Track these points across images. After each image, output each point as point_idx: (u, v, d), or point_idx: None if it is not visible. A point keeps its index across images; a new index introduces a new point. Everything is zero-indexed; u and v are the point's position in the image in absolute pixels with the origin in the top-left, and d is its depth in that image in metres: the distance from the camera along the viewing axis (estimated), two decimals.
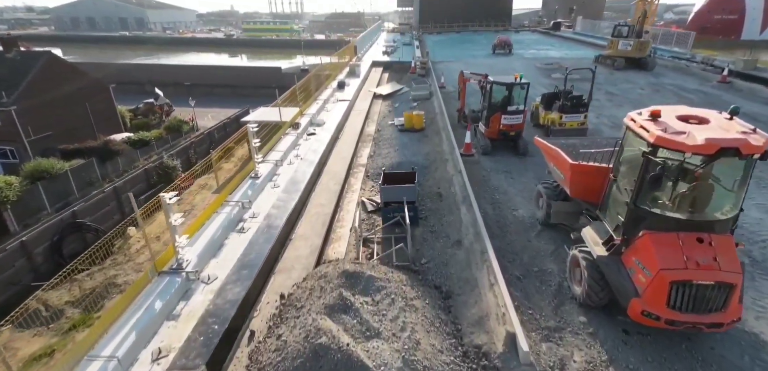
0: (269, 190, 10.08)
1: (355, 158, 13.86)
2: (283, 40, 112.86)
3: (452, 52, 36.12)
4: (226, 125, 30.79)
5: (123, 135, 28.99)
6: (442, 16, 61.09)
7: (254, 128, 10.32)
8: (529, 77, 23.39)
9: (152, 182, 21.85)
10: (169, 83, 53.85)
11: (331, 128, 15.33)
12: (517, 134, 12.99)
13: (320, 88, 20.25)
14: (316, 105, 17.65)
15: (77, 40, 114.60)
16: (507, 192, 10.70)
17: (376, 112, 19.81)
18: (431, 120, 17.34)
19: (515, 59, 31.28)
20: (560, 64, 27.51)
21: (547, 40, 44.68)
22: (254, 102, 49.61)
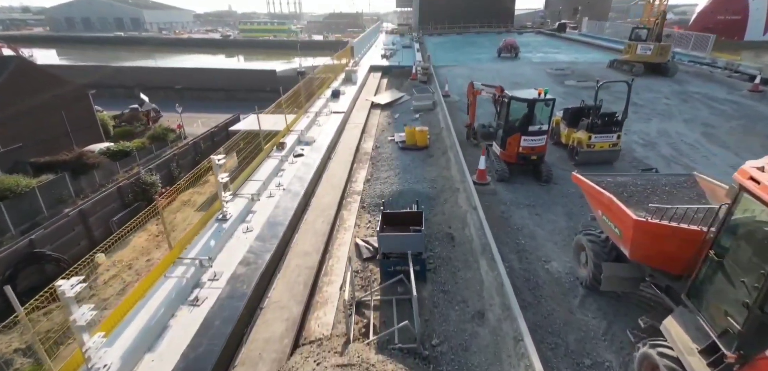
0: (239, 237, 8.09)
1: (349, 184, 11.88)
2: (280, 41, 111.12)
3: (455, 56, 34.16)
4: (214, 134, 28.77)
5: (102, 145, 26.97)
6: (442, 16, 59.18)
7: (221, 160, 8.31)
8: (541, 85, 21.49)
9: (127, 200, 19.81)
10: (158, 87, 51.81)
11: (322, 146, 13.34)
12: (540, 157, 11.03)
13: (312, 98, 18.25)
14: (307, 119, 15.65)
15: (72, 41, 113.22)
16: (534, 235, 8.72)
17: (374, 124, 17.84)
18: (436, 136, 15.37)
19: (523, 64, 29.33)
20: (572, 70, 25.58)
21: (553, 43, 42.77)
22: (248, 106, 47.52)
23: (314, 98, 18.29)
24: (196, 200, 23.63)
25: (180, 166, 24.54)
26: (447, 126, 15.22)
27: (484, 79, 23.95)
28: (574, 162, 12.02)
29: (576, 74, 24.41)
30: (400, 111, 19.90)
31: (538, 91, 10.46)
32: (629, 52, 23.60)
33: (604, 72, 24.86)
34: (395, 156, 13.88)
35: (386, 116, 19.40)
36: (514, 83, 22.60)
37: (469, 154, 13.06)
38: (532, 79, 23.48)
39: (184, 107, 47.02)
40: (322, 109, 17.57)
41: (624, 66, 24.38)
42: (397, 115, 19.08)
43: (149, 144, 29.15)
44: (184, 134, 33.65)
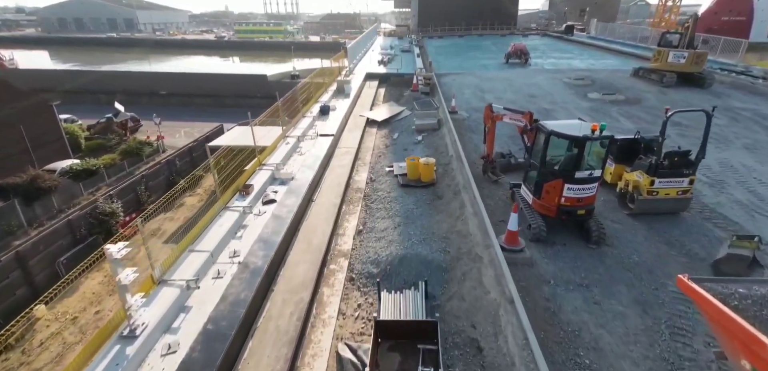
0: (154, 362, 5.23)
1: (334, 240, 9.06)
2: (275, 43, 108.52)
3: (459, 62, 31.37)
4: (192, 149, 25.89)
5: (66, 163, 24.07)
6: (442, 18, 56.50)
7: (121, 251, 5.46)
8: (559, 97, 18.69)
9: (80, 235, 16.92)
10: (142, 92, 48.83)
11: (301, 186, 10.51)
12: (588, 212, 8.24)
13: (296, 117, 15.40)
14: (286, 146, 12.77)
15: (63, 43, 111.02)
16: (598, 344, 5.92)
17: (368, 148, 15.01)
18: (444, 167, 12.55)
19: (535, 72, 26.56)
20: (591, 79, 22.82)
21: (561, 46, 40.06)
22: (236, 113, 44.55)
23: (298, 117, 15.42)
24: (166, 228, 20.81)
25: (150, 189, 21.65)
26: (457, 154, 12.40)
27: (495, 90, 21.17)
28: (628, 212, 9.23)
29: (597, 84, 21.65)
30: (400, 129, 17.11)
31: (591, 126, 7.64)
32: (659, 59, 20.84)
33: (628, 82, 22.11)
34: (395, 195, 11.06)
35: (383, 135, 16.59)
36: (529, 96, 19.83)
37: (488, 194, 10.27)
38: (549, 91, 20.70)
39: (168, 114, 44.24)
40: (307, 130, 14.72)
41: (652, 75, 21.63)
42: (397, 135, 16.28)
43: (121, 160, 26.24)
44: (162, 146, 30.78)
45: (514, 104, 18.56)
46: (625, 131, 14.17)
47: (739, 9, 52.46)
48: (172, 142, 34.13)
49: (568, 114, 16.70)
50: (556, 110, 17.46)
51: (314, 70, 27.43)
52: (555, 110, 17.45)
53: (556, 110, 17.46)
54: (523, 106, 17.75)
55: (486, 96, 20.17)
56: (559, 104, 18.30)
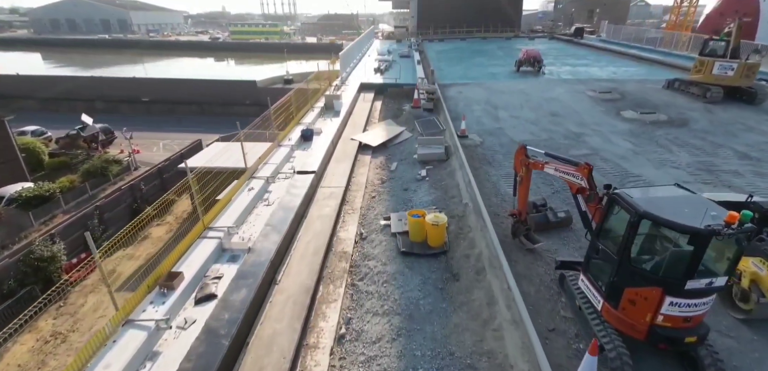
0: None
1: (298, 362, 5.98)
2: (269, 44, 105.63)
3: (464, 70, 28.33)
4: (162, 169, 22.76)
5: (16, 187, 20.95)
6: (443, 19, 53.50)
7: None
8: (587, 115, 15.69)
9: (9, 288, 13.83)
10: (123, 100, 45.66)
11: (260, 260, 7.46)
12: (700, 336, 5.19)
13: (268, 150, 12.31)
14: (247, 196, 9.64)
15: (54, 44, 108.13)
16: None
17: (360, 185, 11.96)
18: (458, 221, 9.49)
19: (551, 82, 23.54)
20: (619, 91, 19.80)
21: (573, 51, 37.09)
22: (223, 122, 41.48)
23: (271, 149, 12.33)
24: (123, 269, 17.70)
25: (107, 221, 18.55)
26: (475, 205, 9.37)
27: (509, 106, 18.12)
28: (740, 316, 6.20)
29: (628, 99, 18.65)
30: (399, 156, 14.07)
31: (727, 215, 4.54)
32: (702, 70, 17.83)
33: (663, 96, 19.12)
34: (393, 269, 8.00)
35: (379, 166, 13.54)
36: (551, 115, 16.81)
37: (524, 272, 7.25)
38: (574, 107, 17.69)
39: (148, 124, 41.10)
40: (281, 166, 11.66)
41: (691, 88, 18.63)
42: (395, 165, 13.22)
43: (82, 182, 23.13)
44: (134, 163, 27.67)
45: (534, 124, 15.56)
46: (686, 169, 11.17)
47: (746, 10, 49.09)
48: (147, 156, 31.04)
49: (605, 140, 13.68)
50: (587, 133, 14.44)
51: (310, 74, 24.45)
52: (586, 133, 14.43)
53: (587, 133, 14.44)
54: (545, 129, 14.76)
55: (500, 114, 17.15)
56: (590, 125, 15.28)
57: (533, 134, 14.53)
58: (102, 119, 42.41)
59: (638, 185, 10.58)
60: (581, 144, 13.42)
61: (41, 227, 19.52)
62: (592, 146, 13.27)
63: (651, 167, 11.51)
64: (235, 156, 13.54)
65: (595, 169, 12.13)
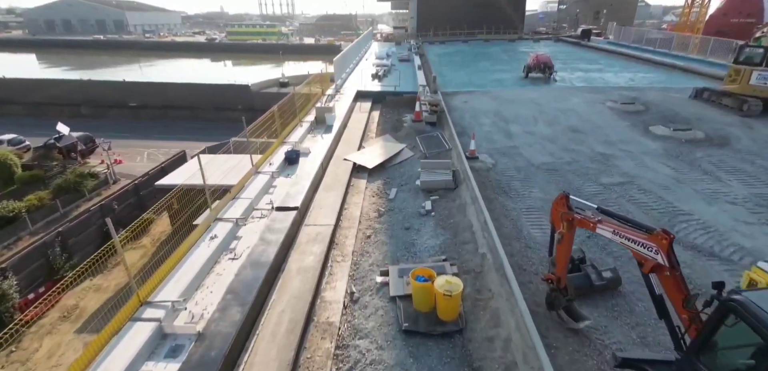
0: None
1: None
2: (267, 45, 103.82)
3: (467, 76, 26.44)
4: (139, 186, 20.80)
5: None
6: (443, 20, 51.55)
7: None
8: (612, 131, 13.85)
9: None
10: (110, 105, 43.65)
11: (217, 339, 5.53)
12: None
13: (247, 176, 10.38)
14: (206, 250, 7.68)
15: (50, 45, 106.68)
16: None
17: (353, 218, 10.06)
18: (474, 280, 7.55)
19: (565, 91, 21.63)
20: (644, 102, 17.89)
21: (582, 54, 35.21)
22: (215, 128, 39.48)
23: (247, 177, 10.39)
24: (87, 304, 15.78)
25: (71, 249, 16.60)
26: (493, 252, 7.47)
27: (521, 119, 16.16)
28: None
29: (653, 111, 16.76)
30: (399, 181, 12.18)
31: None
32: (737, 80, 15.95)
33: (692, 108, 17.23)
34: (390, 355, 6.07)
35: (376, 192, 11.63)
36: (570, 130, 14.91)
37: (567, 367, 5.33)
38: (595, 121, 15.79)
39: (135, 130, 39.09)
40: (258, 199, 9.73)
41: (724, 100, 16.75)
42: (394, 193, 11.32)
43: (52, 199, 21.18)
44: (113, 175, 25.71)
45: (552, 142, 13.63)
46: (744, 204, 9.26)
47: (749, 10, 49.42)
48: (130, 167, 29.08)
49: (638, 164, 11.77)
50: (616, 155, 12.53)
51: (307, 77, 22.63)
52: (615, 155, 12.53)
53: (616, 155, 12.53)
54: (566, 148, 12.85)
55: (512, 129, 15.24)
56: (617, 144, 13.38)
57: (553, 156, 12.62)
58: (88, 125, 40.45)
59: (691, 225, 8.69)
60: (612, 169, 11.51)
61: (4, 252, 17.59)
62: (625, 171, 11.37)
63: (701, 201, 9.61)
64: (218, 172, 11.77)
65: (634, 202, 10.27)
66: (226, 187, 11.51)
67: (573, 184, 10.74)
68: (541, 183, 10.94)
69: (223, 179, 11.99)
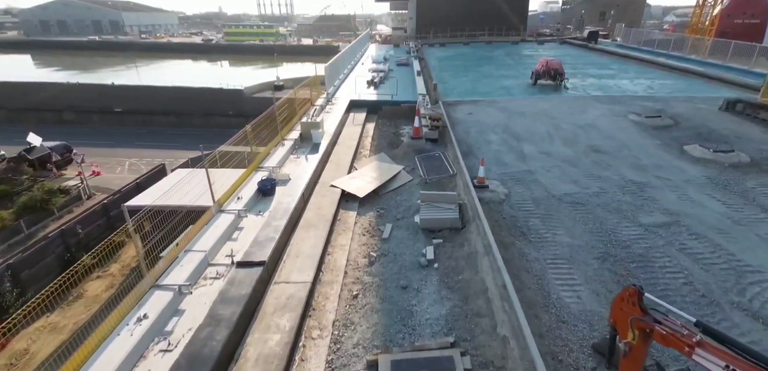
0: None
1: None
2: (265, 46, 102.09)
3: (471, 82, 24.52)
4: (107, 206, 18.84)
5: None
6: (443, 21, 49.61)
7: None
8: (642, 153, 11.92)
9: None
10: (94, 110, 41.76)
11: None
12: None
13: (205, 219, 8.43)
14: (133, 332, 5.74)
15: (46, 46, 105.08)
16: None
17: (338, 268, 8.15)
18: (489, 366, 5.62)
19: (581, 101, 19.71)
20: (671, 116, 15.97)
21: (591, 58, 33.31)
22: (205, 136, 37.54)
23: (204, 221, 8.44)
24: (40, 348, 13.85)
25: (22, 283, 14.63)
26: (517, 334, 5.56)
27: (534, 135, 14.18)
28: None
29: (684, 126, 14.85)
30: (395, 214, 10.27)
31: None
32: None
33: (726, 122, 15.31)
34: None
35: (367, 227, 9.71)
36: (592, 149, 12.98)
37: None
38: (620, 139, 13.86)
39: (118, 138, 37.11)
40: (214, 252, 7.79)
41: (762, 113, 14.85)
42: (389, 231, 9.39)
43: (16, 220, 19.24)
44: (87, 190, 23.76)
45: (573, 166, 11.69)
46: None
47: (754, 11, 48.09)
48: (108, 179, 27.13)
49: (681, 196, 9.84)
50: (651, 183, 10.60)
51: (303, 79, 20.80)
52: (650, 183, 10.60)
53: (651, 183, 10.60)
54: (591, 174, 10.93)
55: (524, 148, 13.32)
56: (650, 169, 11.45)
57: (577, 183, 10.70)
58: (70, 131, 38.55)
59: (766, 288, 6.78)
60: (650, 204, 9.58)
61: None
62: (666, 206, 9.44)
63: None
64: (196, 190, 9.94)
65: (687, 251, 8.29)
66: (201, 209, 9.68)
67: (606, 224, 8.82)
68: (567, 221, 9.01)
69: (198, 200, 10.22)
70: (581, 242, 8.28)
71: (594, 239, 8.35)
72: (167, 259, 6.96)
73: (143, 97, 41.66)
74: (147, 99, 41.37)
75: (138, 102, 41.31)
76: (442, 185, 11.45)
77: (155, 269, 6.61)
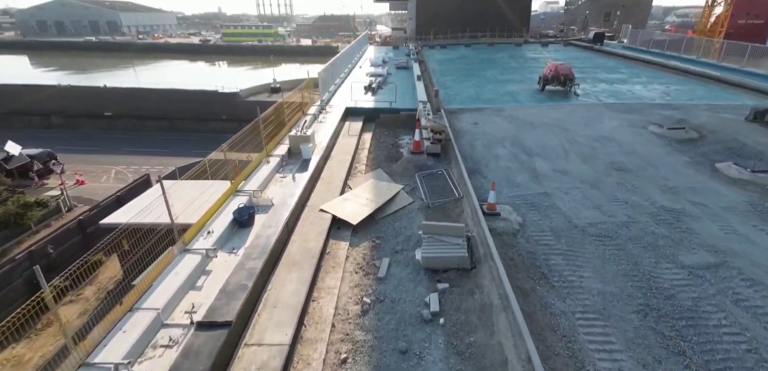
0: None
1: None
2: (263, 47, 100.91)
3: (474, 88, 23.16)
4: (84, 222, 17.46)
5: None
6: (443, 21, 48.27)
7: None
8: (670, 173, 10.38)
9: None
10: (83, 114, 40.37)
11: None
12: None
13: (165, 262, 7.06)
14: None
15: (43, 47, 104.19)
16: None
17: (324, 319, 6.81)
18: None
19: (594, 109, 18.36)
20: (694, 126, 14.63)
21: (598, 61, 31.96)
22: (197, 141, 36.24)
23: (165, 264, 7.06)
24: None
25: None
26: None
27: (547, 149, 12.74)
28: None
29: (712, 139, 13.50)
30: (394, 242, 8.93)
31: None
32: None
33: (756, 135, 13.97)
34: None
35: (361, 263, 8.37)
36: (614, 168, 11.63)
37: None
38: (641, 153, 12.51)
39: (106, 144, 35.74)
40: (171, 307, 6.42)
41: None
42: (386, 267, 8.04)
43: None
44: (67, 202, 22.40)
45: (595, 188, 10.31)
46: None
47: (757, 11, 48.08)
48: (93, 188, 25.78)
49: (725, 228, 8.47)
50: (687, 210, 9.25)
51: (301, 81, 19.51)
52: (686, 210, 9.24)
53: (687, 210, 9.25)
54: (616, 198, 9.58)
55: (537, 165, 11.96)
56: (683, 192, 10.09)
57: (601, 210, 9.34)
58: (57, 137, 37.22)
59: None
60: (689, 238, 8.23)
61: None
62: (709, 241, 8.09)
63: None
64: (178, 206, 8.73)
65: (744, 304, 6.82)
66: (183, 226, 8.43)
67: (642, 264, 7.47)
68: (594, 260, 7.67)
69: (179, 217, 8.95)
70: (615, 289, 6.93)
71: (630, 285, 7.01)
72: (104, 325, 5.60)
73: (134, 100, 40.26)
74: (138, 102, 40.00)
75: (128, 106, 39.93)
76: (446, 210, 10.10)
77: (87, 342, 5.24)
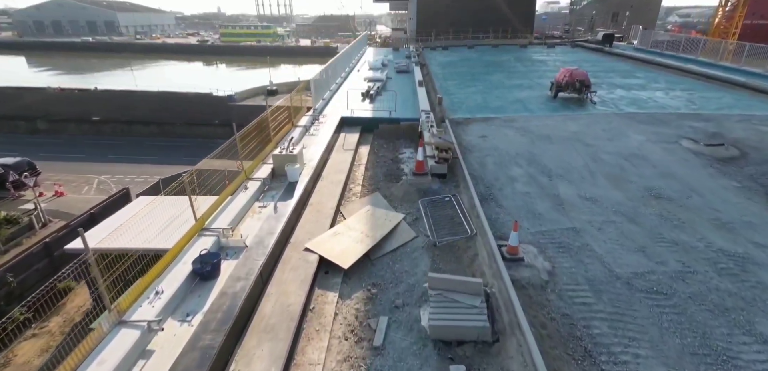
0: None
1: None
2: (261, 47, 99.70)
3: (480, 94, 21.47)
4: (50, 245, 15.76)
5: None
6: (445, 22, 46.62)
7: None
8: (712, 197, 8.75)
9: None
10: (69, 119, 38.70)
11: None
12: None
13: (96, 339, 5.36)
14: None
15: (40, 47, 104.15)
16: None
17: None
18: None
19: (610, 117, 16.67)
20: (734, 141, 12.96)
21: (609, 64, 30.26)
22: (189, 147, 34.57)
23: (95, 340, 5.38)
24: None
25: None
26: None
27: (568, 168, 10.87)
28: None
29: (752, 156, 11.84)
30: (394, 292, 7.30)
31: None
32: None
33: None
34: None
35: (352, 323, 6.72)
36: (651, 194, 9.93)
37: None
38: (679, 175, 10.83)
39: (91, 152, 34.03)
40: None
41: None
42: (383, 333, 6.37)
43: None
44: (42, 216, 20.75)
45: (633, 222, 8.54)
46: None
47: (763, 12, 47.97)
48: (73, 200, 24.10)
49: None
50: (752, 255, 7.57)
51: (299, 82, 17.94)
52: (750, 255, 7.57)
53: (752, 255, 7.57)
54: (660, 236, 7.92)
55: (560, 190, 10.28)
56: (740, 230, 8.40)
57: (646, 254, 7.65)
58: (41, 142, 35.58)
59: None
60: (764, 296, 6.55)
61: None
62: None
63: None
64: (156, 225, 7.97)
65: None
66: (159, 251, 6.95)
67: (712, 336, 5.80)
68: (650, 329, 5.98)
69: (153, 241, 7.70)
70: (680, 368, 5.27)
71: (702, 369, 5.33)
72: None
73: (122, 104, 38.58)
74: (126, 106, 38.32)
75: (116, 109, 38.27)
76: (456, 250, 8.43)
77: None
